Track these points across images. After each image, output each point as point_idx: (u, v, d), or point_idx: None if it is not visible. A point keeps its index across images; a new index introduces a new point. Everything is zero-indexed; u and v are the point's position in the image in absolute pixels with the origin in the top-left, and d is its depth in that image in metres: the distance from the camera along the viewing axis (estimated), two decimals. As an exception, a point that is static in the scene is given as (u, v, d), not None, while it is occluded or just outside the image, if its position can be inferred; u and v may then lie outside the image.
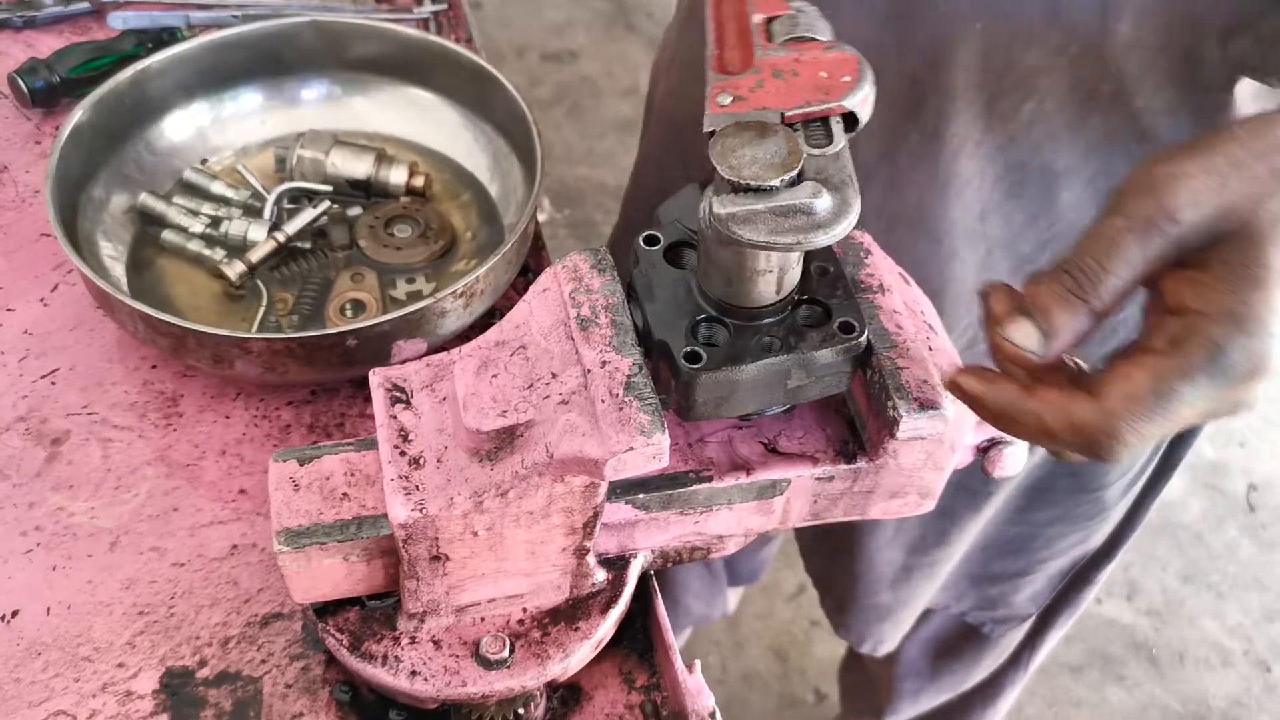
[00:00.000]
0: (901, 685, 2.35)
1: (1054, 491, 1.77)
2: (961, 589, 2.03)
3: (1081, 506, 1.79)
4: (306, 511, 0.98)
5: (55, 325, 1.38)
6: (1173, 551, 3.39)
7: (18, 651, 1.13)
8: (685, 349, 0.90)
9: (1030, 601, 2.00)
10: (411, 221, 1.49)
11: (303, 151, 1.52)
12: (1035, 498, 1.78)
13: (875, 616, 2.06)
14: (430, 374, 1.00)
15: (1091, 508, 1.78)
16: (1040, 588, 1.97)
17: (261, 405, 1.33)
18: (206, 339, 1.23)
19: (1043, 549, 1.88)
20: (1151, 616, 3.26)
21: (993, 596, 2.02)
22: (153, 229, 1.46)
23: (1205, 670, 3.17)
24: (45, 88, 1.58)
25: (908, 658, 2.28)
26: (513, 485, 0.91)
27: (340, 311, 1.39)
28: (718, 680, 3.08)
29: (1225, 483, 3.55)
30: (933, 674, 2.30)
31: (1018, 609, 2.02)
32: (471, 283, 1.30)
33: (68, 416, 1.30)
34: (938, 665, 2.27)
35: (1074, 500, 1.78)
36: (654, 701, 1.12)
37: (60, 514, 1.23)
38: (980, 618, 2.08)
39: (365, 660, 1.01)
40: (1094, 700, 3.10)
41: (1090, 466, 1.69)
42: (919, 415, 0.91)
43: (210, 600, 1.17)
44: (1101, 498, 1.76)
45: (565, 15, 4.90)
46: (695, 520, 1.05)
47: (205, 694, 1.11)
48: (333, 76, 1.61)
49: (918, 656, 2.27)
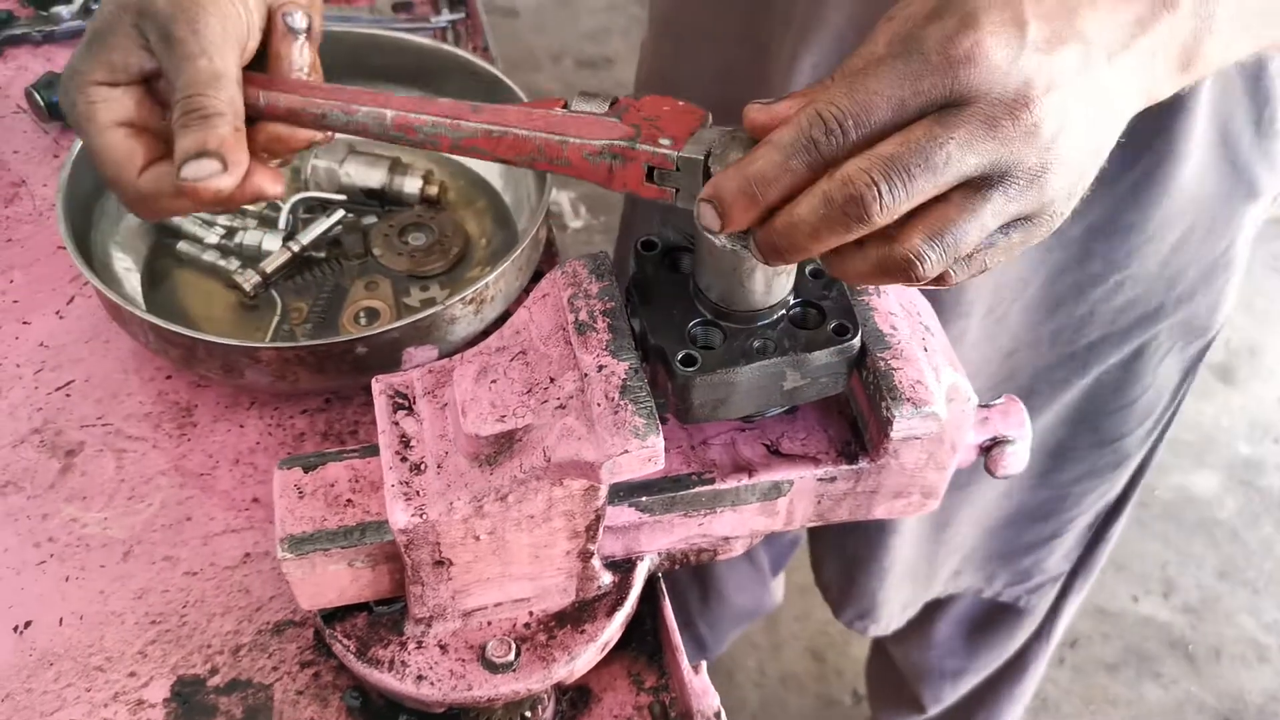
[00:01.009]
0: (943, 666, 2.34)
1: (1076, 449, 1.76)
2: (992, 569, 2.02)
3: (1105, 459, 1.78)
4: (310, 518, 0.98)
5: (71, 337, 1.39)
6: (1209, 549, 3.37)
7: (30, 662, 1.13)
8: (681, 353, 0.91)
9: (1064, 560, 2.00)
10: (426, 229, 1.49)
11: (317, 161, 1.53)
12: (1059, 460, 1.77)
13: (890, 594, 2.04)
14: (432, 380, 1.01)
15: (1114, 457, 1.78)
16: (1071, 545, 1.96)
17: (275, 414, 1.34)
18: (216, 349, 1.24)
19: (1072, 508, 1.87)
20: (1188, 614, 3.24)
21: (1027, 567, 2.00)
22: (168, 240, 1.47)
23: (1242, 667, 3.14)
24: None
25: (942, 640, 2.26)
26: (512, 489, 0.92)
27: (354, 320, 1.40)
28: (756, 683, 3.08)
29: (1260, 479, 3.53)
30: (969, 653, 2.28)
31: (1051, 571, 2.02)
32: (481, 289, 1.30)
33: (82, 428, 1.31)
34: (974, 643, 2.25)
35: (1097, 454, 1.77)
36: (662, 703, 1.12)
37: (73, 525, 1.23)
38: (1015, 593, 2.07)
39: (372, 665, 1.02)
40: (1130, 698, 3.08)
41: (1104, 421, 1.69)
42: (912, 415, 0.91)
43: (222, 608, 1.18)
44: (1121, 447, 1.75)
45: (601, 22, 4.90)
46: (700, 522, 1.05)
47: (216, 702, 1.11)
48: (346, 85, 1.61)
49: (954, 637, 2.25)
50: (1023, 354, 1.58)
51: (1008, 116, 0.75)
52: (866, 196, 0.74)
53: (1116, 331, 1.55)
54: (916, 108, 0.75)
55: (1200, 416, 3.66)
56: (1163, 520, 3.42)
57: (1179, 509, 3.45)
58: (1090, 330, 1.54)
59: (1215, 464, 3.56)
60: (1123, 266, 1.45)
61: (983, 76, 0.75)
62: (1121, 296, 1.50)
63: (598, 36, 4.83)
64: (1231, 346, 3.85)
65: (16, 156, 1.61)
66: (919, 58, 0.75)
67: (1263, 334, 3.90)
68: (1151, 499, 3.44)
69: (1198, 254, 1.47)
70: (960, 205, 0.77)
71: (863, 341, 0.94)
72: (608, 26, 4.88)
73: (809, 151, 0.76)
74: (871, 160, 0.75)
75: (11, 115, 1.66)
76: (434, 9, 1.88)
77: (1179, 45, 0.83)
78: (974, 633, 2.24)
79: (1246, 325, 3.91)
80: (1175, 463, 3.54)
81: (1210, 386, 3.74)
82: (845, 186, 0.75)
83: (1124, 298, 1.50)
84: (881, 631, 2.14)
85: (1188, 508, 3.45)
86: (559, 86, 4.58)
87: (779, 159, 0.77)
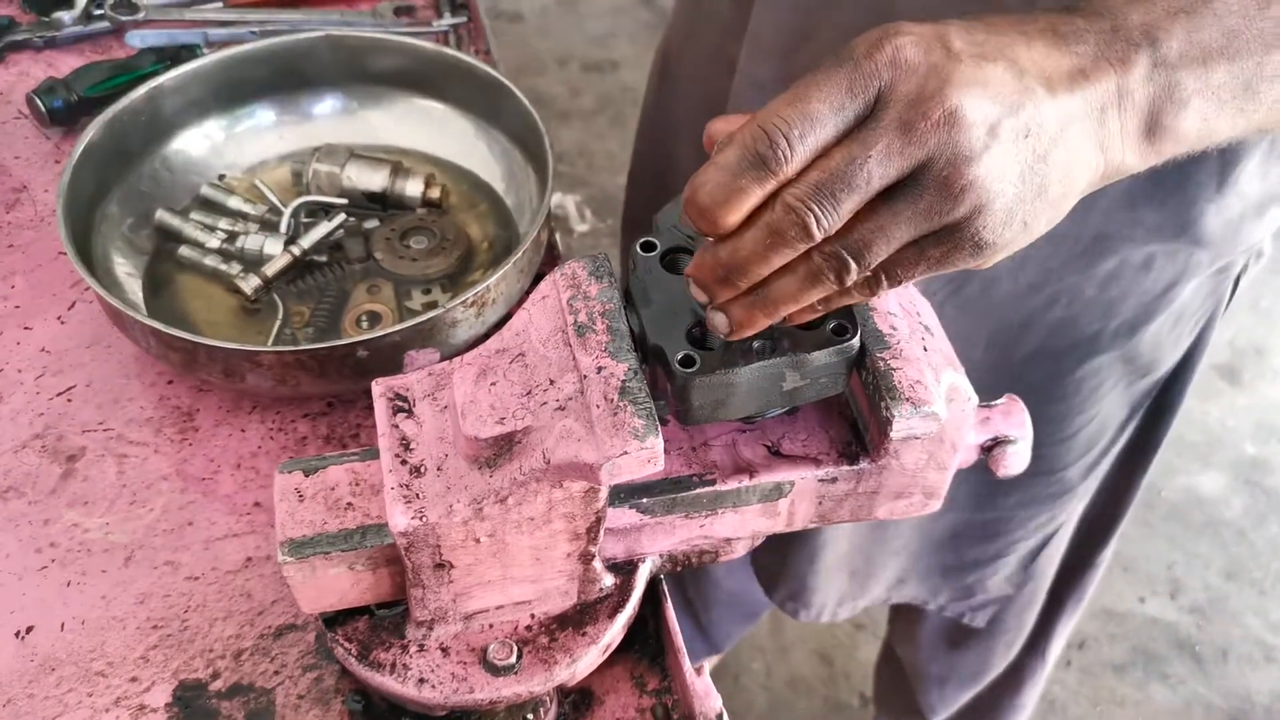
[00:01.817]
0: (929, 671, 2.35)
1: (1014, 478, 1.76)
2: (935, 583, 2.02)
3: (1045, 489, 1.78)
4: (311, 522, 0.98)
5: (72, 343, 1.39)
6: (1215, 549, 3.37)
7: (31, 667, 1.13)
8: (680, 353, 0.90)
9: (1006, 583, 2.00)
10: (427, 233, 1.49)
11: (319, 165, 1.53)
12: (997, 485, 1.78)
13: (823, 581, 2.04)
14: (432, 383, 1.00)
15: (1056, 489, 1.78)
16: (1014, 569, 1.96)
17: (277, 418, 1.34)
18: (217, 353, 1.24)
19: (1016, 530, 1.88)
20: (1195, 614, 3.24)
21: (969, 585, 2.01)
22: (170, 245, 1.47)
23: (1249, 667, 3.14)
24: (64, 107, 1.60)
25: (925, 645, 2.28)
26: (511, 491, 0.91)
27: (356, 323, 1.40)
28: (763, 685, 3.08)
29: (1267, 479, 3.53)
30: (950, 661, 2.29)
31: (994, 592, 2.02)
32: (482, 291, 1.30)
33: (84, 433, 1.31)
34: (951, 651, 2.27)
35: (1035, 483, 1.77)
36: (665, 705, 1.12)
37: (75, 530, 1.23)
38: (959, 609, 2.07)
39: (374, 669, 1.02)
40: (1138, 699, 3.08)
41: (1045, 451, 1.69)
42: (911, 415, 0.91)
43: (224, 613, 1.18)
44: (1064, 478, 1.76)
45: (607, 26, 4.90)
46: (701, 524, 1.05)
47: (218, 706, 1.11)
48: (348, 90, 1.62)
49: (933, 644, 2.27)
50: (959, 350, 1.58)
51: (922, 117, 0.77)
52: (806, 221, 0.78)
53: (1051, 350, 1.55)
54: (854, 111, 0.78)
55: (1206, 417, 3.66)
56: (1169, 521, 3.41)
57: (1185, 509, 3.44)
58: (1026, 341, 1.54)
59: (1221, 464, 3.56)
60: (1058, 278, 1.45)
61: (903, 75, 0.78)
62: (1057, 311, 1.49)
63: (603, 40, 4.83)
64: (1237, 347, 3.85)
65: (18, 162, 1.61)
66: (850, 62, 0.78)
67: (1268, 334, 3.90)
68: (1158, 500, 3.44)
69: (1133, 285, 1.46)
70: (867, 212, 0.80)
71: (862, 342, 0.93)
72: (613, 30, 4.88)
73: (756, 167, 0.78)
74: (803, 189, 0.78)
75: (13, 121, 1.66)
76: (436, 13, 1.88)
77: (1137, 110, 0.85)
78: (946, 642, 2.25)
79: (1252, 325, 3.91)
80: (1181, 464, 3.53)
81: (1216, 387, 3.74)
82: (787, 214, 0.79)
83: (1059, 314, 1.50)
84: (814, 619, 2.13)
85: (1194, 508, 3.45)
86: (564, 90, 4.58)
87: (727, 179, 0.79)
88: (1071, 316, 1.50)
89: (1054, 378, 1.59)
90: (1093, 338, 1.53)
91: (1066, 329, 1.52)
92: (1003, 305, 1.50)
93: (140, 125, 1.48)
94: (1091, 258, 1.42)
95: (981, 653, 2.22)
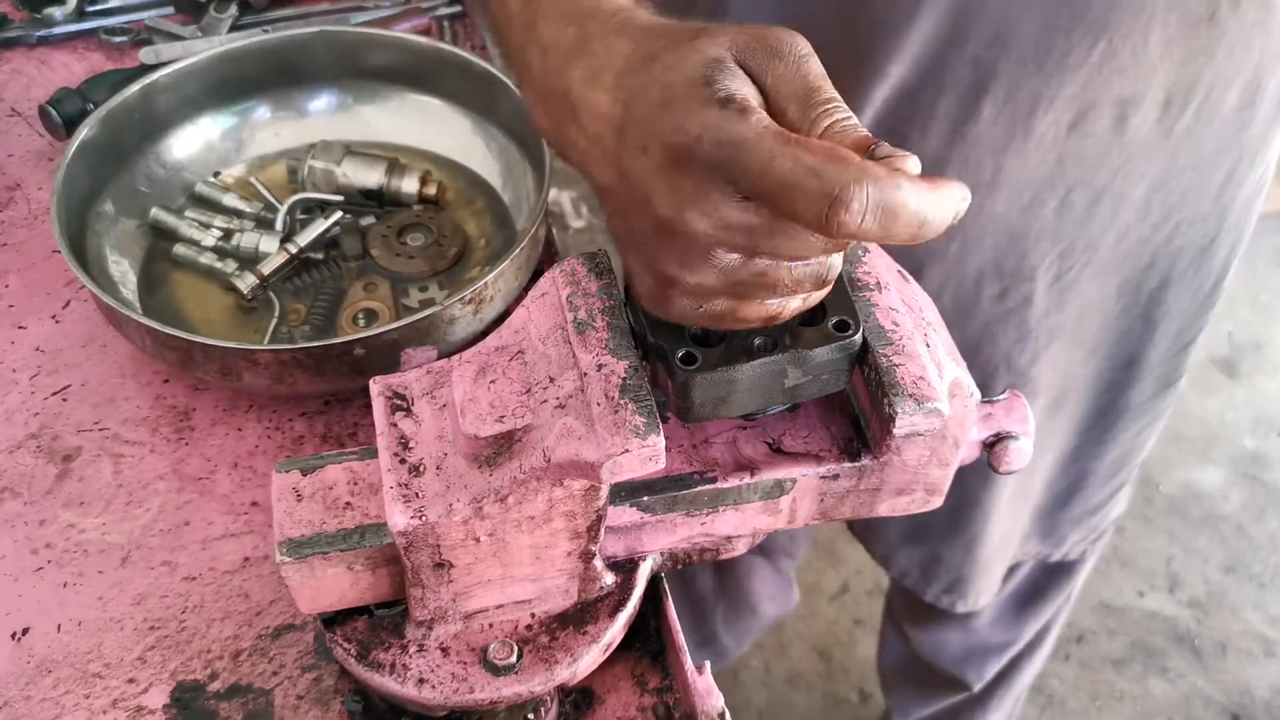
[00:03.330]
0: (990, 642, 2.34)
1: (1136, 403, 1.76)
2: (1064, 533, 2.01)
3: (1164, 402, 1.79)
4: (309, 521, 0.97)
5: (67, 342, 1.39)
6: (1214, 543, 3.37)
7: (28, 669, 1.13)
8: (681, 350, 0.90)
9: (1126, 502, 2.01)
10: (424, 230, 1.48)
11: (314, 162, 1.52)
12: (1118, 418, 1.77)
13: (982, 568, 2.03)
14: (430, 381, 1.00)
15: (1171, 396, 1.79)
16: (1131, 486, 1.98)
17: (274, 417, 1.33)
18: (214, 352, 1.23)
19: (1138, 454, 1.89)
20: (1194, 608, 3.23)
21: (1095, 523, 2.01)
22: (165, 243, 1.46)
23: (1248, 661, 3.14)
24: (79, 117, 1.58)
25: (992, 614, 2.26)
26: (511, 490, 0.91)
27: (353, 321, 1.39)
28: (762, 682, 3.08)
29: (1265, 473, 3.52)
30: (1018, 621, 2.29)
31: (1114, 515, 2.02)
32: (480, 289, 1.29)
33: (79, 433, 1.31)
34: (1023, 611, 2.25)
35: (1159, 401, 1.78)
36: (666, 704, 1.11)
37: (71, 531, 1.23)
38: (1081, 548, 2.07)
39: (373, 669, 1.01)
40: (1137, 693, 3.08)
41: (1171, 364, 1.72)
42: (915, 411, 0.90)
43: (222, 613, 1.17)
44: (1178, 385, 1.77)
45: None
46: (702, 521, 1.05)
47: (216, 707, 1.10)
48: (343, 86, 1.61)
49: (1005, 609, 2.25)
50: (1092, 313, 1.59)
51: None
52: None
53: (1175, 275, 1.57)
54: None
55: (1204, 411, 3.66)
56: (1168, 515, 3.41)
57: (1184, 504, 3.44)
58: (1151, 277, 1.56)
59: (1220, 459, 3.56)
60: (1178, 209, 1.48)
61: None
62: (1179, 239, 1.53)
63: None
64: (1235, 341, 3.85)
65: (11, 160, 1.60)
66: None
67: (1267, 328, 3.90)
68: (1156, 494, 3.44)
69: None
70: None
71: (864, 337, 0.93)
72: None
73: None
74: None
75: (6, 119, 1.66)
76: (431, -1, 1.87)
77: None
78: (1024, 602, 2.23)
79: (1251, 319, 3.91)
80: (1180, 458, 3.53)
81: (1214, 381, 3.74)
82: None
83: (1180, 240, 1.53)
84: (969, 608, 2.12)
85: (1193, 502, 3.45)
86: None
87: None
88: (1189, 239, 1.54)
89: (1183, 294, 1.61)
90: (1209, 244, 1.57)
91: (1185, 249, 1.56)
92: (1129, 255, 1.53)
93: (134, 123, 1.47)
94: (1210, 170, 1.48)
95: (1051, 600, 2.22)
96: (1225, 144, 1.43)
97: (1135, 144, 1.39)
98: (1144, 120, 1.36)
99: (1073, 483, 1.90)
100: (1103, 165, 1.40)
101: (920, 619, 2.38)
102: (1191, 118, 1.37)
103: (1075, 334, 1.60)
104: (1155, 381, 1.74)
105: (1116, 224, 1.46)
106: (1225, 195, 1.50)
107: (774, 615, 2.76)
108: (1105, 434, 1.80)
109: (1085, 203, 1.44)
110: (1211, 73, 1.33)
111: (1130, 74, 1.31)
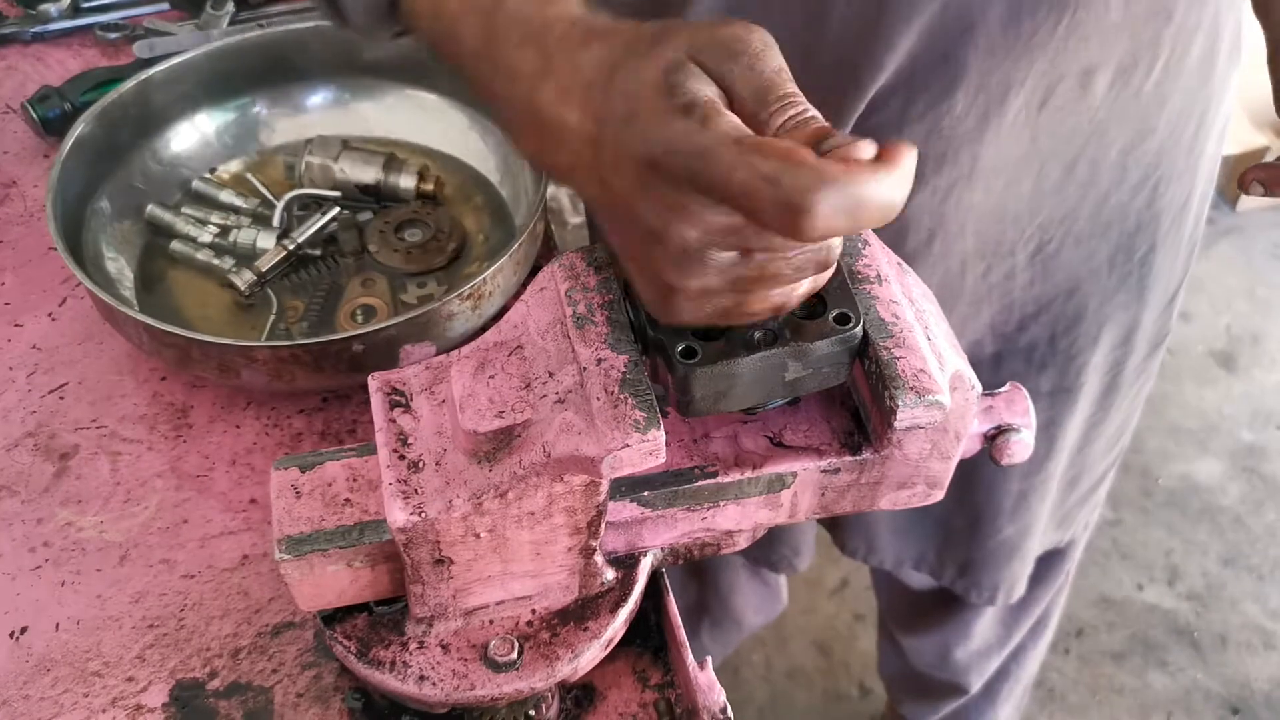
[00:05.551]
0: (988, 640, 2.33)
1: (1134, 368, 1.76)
2: (1074, 515, 2.01)
3: (1155, 361, 1.79)
4: (308, 518, 0.97)
5: (64, 339, 1.38)
6: (1213, 536, 3.36)
7: (27, 668, 1.12)
8: (681, 345, 0.89)
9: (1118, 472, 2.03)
10: (422, 225, 1.48)
11: (311, 158, 1.51)
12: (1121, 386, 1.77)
13: (1004, 558, 2.02)
14: (429, 377, 0.99)
15: (1160, 353, 1.80)
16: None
17: (273, 414, 1.33)
18: (211, 349, 1.23)
19: (1134, 419, 1.91)
20: (1193, 601, 3.23)
21: (1098, 499, 2.02)
22: (161, 240, 1.46)
23: (1248, 654, 3.13)
24: (59, 116, 1.58)
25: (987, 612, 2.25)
26: (511, 486, 0.90)
27: (351, 317, 1.39)
28: (762, 677, 3.07)
29: (1264, 466, 3.52)
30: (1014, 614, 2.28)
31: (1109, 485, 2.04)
32: (479, 284, 1.29)
33: (76, 431, 1.30)
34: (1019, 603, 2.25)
35: (1151, 359, 1.78)
36: (668, 699, 1.11)
37: (69, 529, 1.22)
38: (1082, 529, 2.07)
39: (373, 666, 1.01)
40: (1136, 686, 3.08)
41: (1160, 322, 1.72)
42: (916, 404, 0.90)
43: (221, 611, 1.17)
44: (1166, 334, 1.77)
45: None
46: (703, 516, 1.04)
47: (216, 705, 1.10)
48: (340, 82, 1.61)
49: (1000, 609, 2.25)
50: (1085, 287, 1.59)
51: None
52: None
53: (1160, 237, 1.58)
54: None
55: (1202, 404, 3.65)
56: (1166, 508, 3.41)
57: (1182, 497, 3.44)
58: (1140, 243, 1.56)
59: (1218, 451, 3.55)
60: (1154, 168, 1.49)
61: None
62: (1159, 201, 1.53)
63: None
64: (1233, 333, 3.84)
65: (6, 157, 1.60)
66: None
67: (1265, 321, 3.89)
68: (1154, 487, 3.43)
69: None
70: None
71: (865, 330, 0.92)
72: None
73: None
74: None
75: (0, 115, 1.65)
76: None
77: None
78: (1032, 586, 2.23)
79: (1248, 312, 3.90)
80: (1178, 450, 3.53)
81: (1212, 373, 3.73)
82: None
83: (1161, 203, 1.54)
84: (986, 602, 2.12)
85: (1191, 495, 3.44)
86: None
87: None
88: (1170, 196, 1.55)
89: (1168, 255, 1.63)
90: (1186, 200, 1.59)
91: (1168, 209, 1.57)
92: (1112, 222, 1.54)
93: (130, 119, 1.47)
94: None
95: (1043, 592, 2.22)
96: (1192, 97, 1.44)
97: (1105, 110, 1.39)
98: (1111, 85, 1.36)
99: (1079, 462, 1.90)
100: (1074, 135, 1.40)
101: (914, 627, 2.38)
102: (1160, 74, 1.37)
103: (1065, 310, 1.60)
104: (1147, 344, 1.73)
105: (1094, 191, 1.46)
106: (1196, 148, 1.52)
107: (760, 624, 2.77)
108: (1109, 409, 1.80)
109: (1060, 174, 1.44)
110: (1172, 30, 1.34)
111: (1094, 42, 1.30)
